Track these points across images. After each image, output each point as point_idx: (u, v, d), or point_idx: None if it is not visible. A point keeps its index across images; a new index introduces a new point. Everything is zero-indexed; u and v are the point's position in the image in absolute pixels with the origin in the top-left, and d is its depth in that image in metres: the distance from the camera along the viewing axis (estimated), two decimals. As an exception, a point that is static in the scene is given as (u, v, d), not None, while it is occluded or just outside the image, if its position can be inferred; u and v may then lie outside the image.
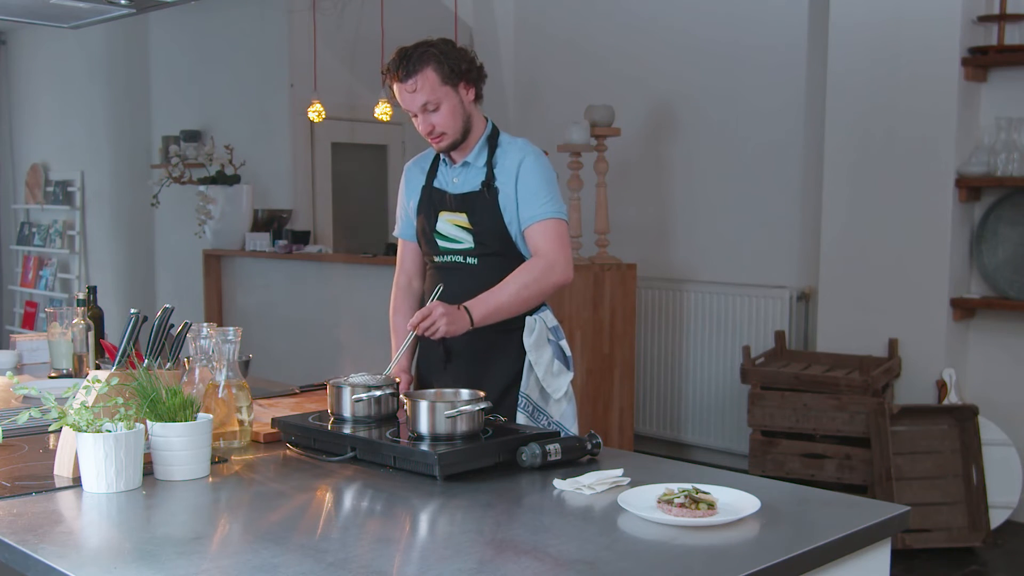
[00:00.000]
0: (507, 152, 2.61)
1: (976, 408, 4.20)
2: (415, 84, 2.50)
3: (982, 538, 4.09)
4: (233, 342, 2.13)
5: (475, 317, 2.44)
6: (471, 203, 2.60)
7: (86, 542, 1.61)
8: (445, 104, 2.53)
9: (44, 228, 8.94)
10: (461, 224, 2.62)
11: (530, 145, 2.65)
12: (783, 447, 4.43)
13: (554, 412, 2.62)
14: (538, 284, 2.52)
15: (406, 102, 2.55)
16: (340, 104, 6.89)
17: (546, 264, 2.52)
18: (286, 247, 6.36)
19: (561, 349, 2.65)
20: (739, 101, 5.46)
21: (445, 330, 2.39)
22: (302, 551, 1.50)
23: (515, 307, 2.52)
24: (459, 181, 2.65)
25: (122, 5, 2.80)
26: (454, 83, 2.53)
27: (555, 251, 2.54)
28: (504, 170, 2.59)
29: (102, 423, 1.81)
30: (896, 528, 1.72)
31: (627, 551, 1.53)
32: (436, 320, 2.38)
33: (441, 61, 2.50)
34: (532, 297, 2.53)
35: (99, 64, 8.21)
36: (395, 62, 2.52)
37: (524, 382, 2.59)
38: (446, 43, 2.57)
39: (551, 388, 2.60)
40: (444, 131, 2.56)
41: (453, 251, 2.64)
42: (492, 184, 2.59)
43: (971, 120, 4.53)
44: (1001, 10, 4.45)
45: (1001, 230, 4.50)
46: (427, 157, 2.78)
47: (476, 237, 2.60)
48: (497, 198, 2.58)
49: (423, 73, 2.49)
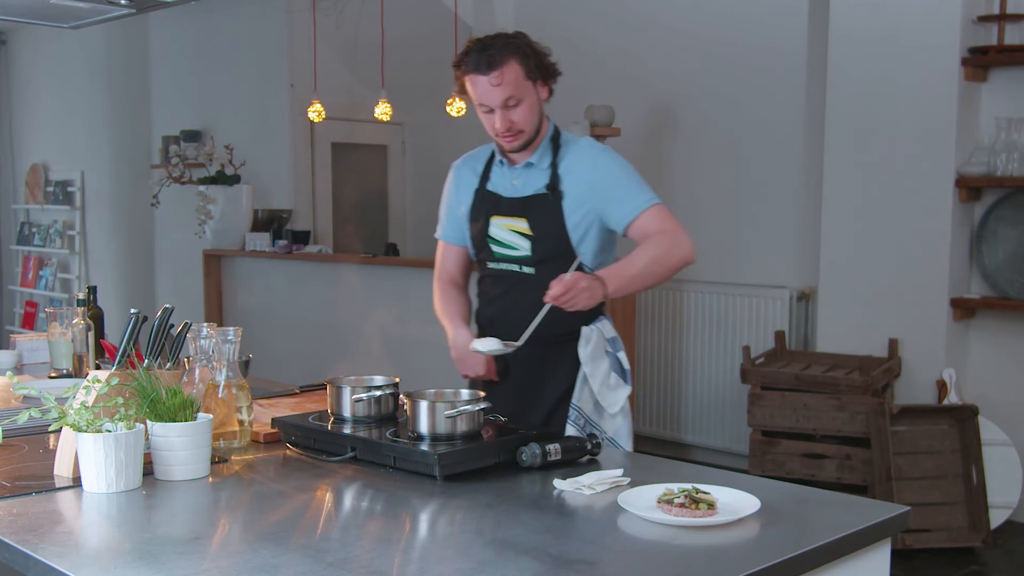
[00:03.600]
0: (573, 153, 2.47)
1: (976, 408, 4.20)
2: (500, 77, 2.34)
3: (982, 538, 4.09)
4: (233, 342, 2.13)
5: (610, 288, 2.29)
6: (532, 207, 2.45)
7: (86, 542, 1.61)
8: (526, 101, 2.39)
9: (44, 228, 8.94)
10: (519, 230, 2.47)
11: (596, 143, 2.53)
12: (783, 447, 4.43)
13: (608, 427, 2.47)
14: (668, 258, 2.37)
15: (485, 96, 2.38)
16: (340, 104, 6.90)
17: (672, 239, 2.37)
18: (286, 247, 6.36)
19: (619, 361, 2.50)
20: (739, 101, 5.46)
21: (585, 302, 2.24)
22: (302, 551, 1.50)
23: (648, 279, 2.38)
24: (520, 183, 2.49)
25: (122, 5, 2.80)
26: (534, 79, 2.41)
27: (675, 228, 2.39)
28: (572, 172, 2.44)
29: (102, 423, 1.81)
30: (896, 528, 1.72)
31: (627, 551, 1.53)
32: (578, 292, 2.22)
33: (527, 55, 2.38)
34: (662, 271, 2.38)
35: (99, 64, 8.21)
36: (475, 53, 2.36)
37: (576, 394, 2.46)
38: (526, 36, 2.44)
39: (607, 402, 2.46)
40: (523, 128, 2.41)
41: (508, 258, 2.50)
42: (557, 187, 2.44)
43: (971, 120, 4.53)
44: (1001, 10, 4.45)
45: (1001, 230, 4.50)
46: (479, 157, 2.62)
47: (535, 243, 2.45)
48: (561, 202, 2.43)
49: (508, 66, 2.35)
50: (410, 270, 5.78)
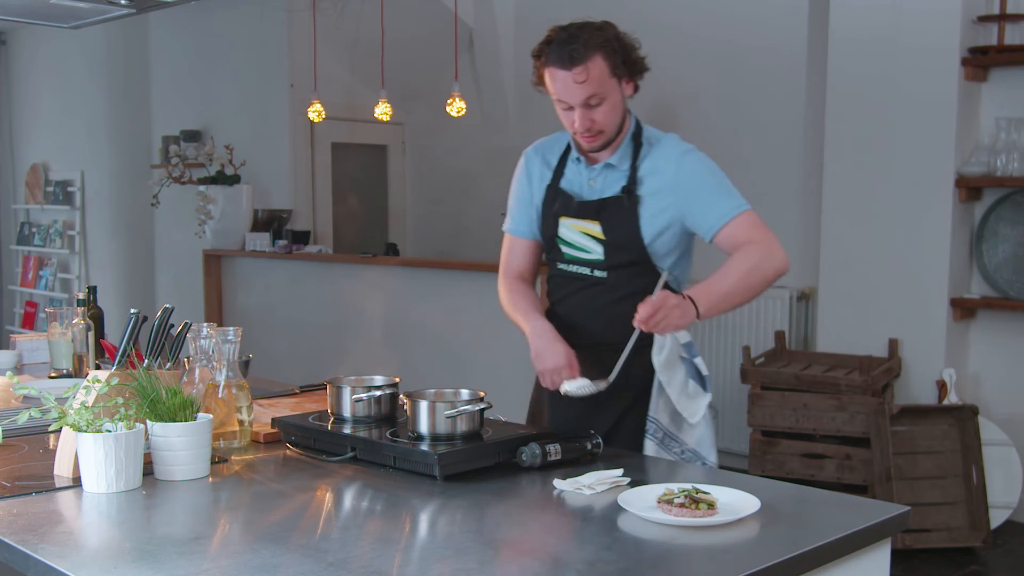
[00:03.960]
0: (656, 153, 2.31)
1: (976, 408, 4.20)
2: (584, 73, 2.16)
3: (982, 538, 4.09)
4: (233, 342, 2.13)
5: (701, 309, 2.14)
6: (607, 210, 2.28)
7: (86, 542, 1.61)
8: (609, 99, 2.21)
9: (44, 228, 8.94)
10: (591, 233, 2.30)
11: (681, 142, 2.35)
12: (783, 447, 4.43)
13: (688, 439, 2.30)
14: (760, 271, 2.21)
15: (565, 92, 2.20)
16: (340, 104, 6.90)
17: (763, 250, 2.22)
18: (286, 247, 6.36)
19: (696, 368, 2.33)
20: (739, 101, 5.46)
21: (677, 324, 2.10)
22: (302, 551, 1.50)
23: (740, 296, 2.22)
24: (597, 184, 2.32)
25: (122, 5, 2.80)
26: (619, 76, 2.23)
27: (766, 238, 2.25)
28: (653, 173, 2.28)
29: (102, 423, 1.81)
30: (896, 528, 1.71)
31: (627, 551, 1.53)
32: (669, 312, 2.08)
33: (614, 50, 2.20)
34: (756, 285, 2.22)
35: (99, 64, 8.21)
36: (558, 44, 2.18)
37: (652, 405, 2.28)
38: (615, 28, 2.25)
39: (687, 412, 2.29)
40: (603, 129, 2.24)
41: (579, 260, 2.34)
42: (635, 190, 2.27)
43: (971, 120, 4.53)
44: (1001, 10, 4.45)
45: (1001, 230, 4.50)
46: (553, 148, 2.43)
47: (607, 248, 2.28)
48: (638, 207, 2.26)
49: (593, 61, 2.17)
50: (410, 270, 5.78)
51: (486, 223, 6.57)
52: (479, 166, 7.03)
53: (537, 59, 2.23)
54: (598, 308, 2.29)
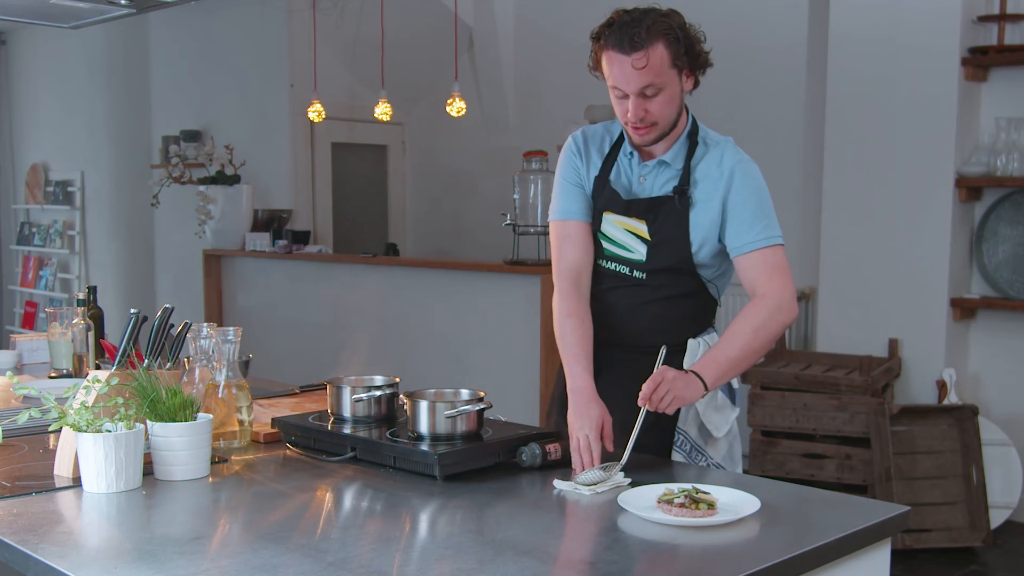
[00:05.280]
0: (712, 156, 2.21)
1: (976, 408, 4.20)
2: (644, 59, 2.04)
3: (982, 538, 4.09)
4: (233, 342, 2.13)
5: (708, 381, 2.05)
6: (656, 210, 2.18)
7: (86, 542, 1.61)
8: (667, 90, 2.10)
9: (44, 228, 8.94)
10: (636, 232, 2.20)
11: (739, 150, 2.25)
12: (783, 447, 4.43)
13: (714, 453, 2.24)
14: (767, 330, 2.11)
15: (622, 79, 2.08)
16: (340, 104, 6.90)
17: (773, 305, 2.12)
18: (286, 247, 6.36)
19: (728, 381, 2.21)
20: (739, 101, 5.46)
21: (683, 396, 2.00)
22: (302, 551, 1.50)
23: (748, 360, 2.12)
24: (648, 182, 2.22)
25: (122, 5, 2.80)
26: (680, 67, 2.12)
27: (780, 288, 2.13)
28: (707, 176, 2.19)
29: (102, 423, 1.81)
30: (896, 528, 1.72)
31: (627, 551, 1.53)
32: (671, 385, 1.98)
33: (678, 39, 2.09)
34: (763, 345, 2.13)
35: (99, 64, 8.21)
36: (620, 27, 2.06)
37: (682, 416, 2.21)
38: (680, 17, 2.14)
39: (711, 424, 2.22)
40: (656, 121, 2.13)
41: (619, 258, 2.23)
42: (687, 192, 2.17)
43: (971, 120, 4.53)
44: (1001, 10, 4.46)
45: (1001, 230, 4.50)
46: (604, 138, 2.31)
47: (651, 249, 2.19)
48: (688, 209, 2.16)
49: (655, 48, 2.05)
50: (410, 270, 5.77)
51: (486, 223, 6.57)
52: (479, 166, 7.03)
53: (596, 41, 2.11)
54: (629, 307, 2.23)
